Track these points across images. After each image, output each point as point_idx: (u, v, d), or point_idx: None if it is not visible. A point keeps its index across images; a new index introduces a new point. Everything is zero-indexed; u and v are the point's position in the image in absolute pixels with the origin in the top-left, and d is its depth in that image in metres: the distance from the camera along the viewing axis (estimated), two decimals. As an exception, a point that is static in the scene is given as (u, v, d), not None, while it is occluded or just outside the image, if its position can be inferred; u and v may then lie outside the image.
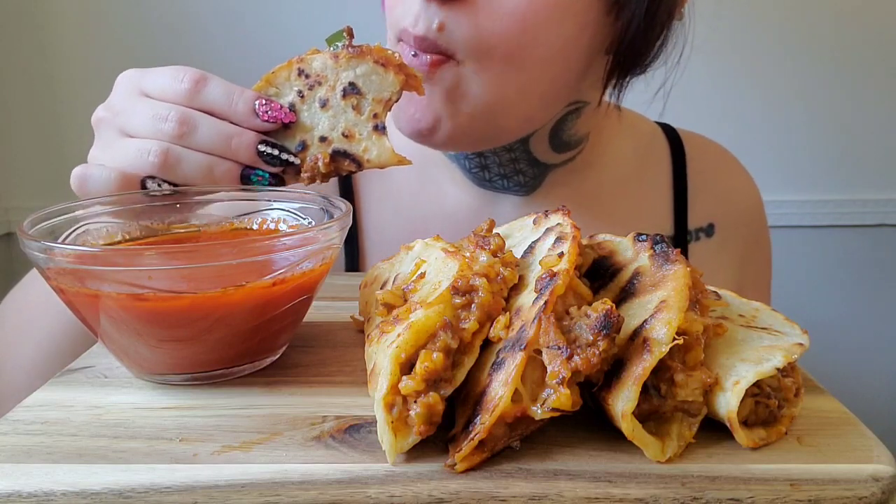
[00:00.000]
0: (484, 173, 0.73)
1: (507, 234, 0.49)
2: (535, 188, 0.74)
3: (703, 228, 0.82)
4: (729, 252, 0.83)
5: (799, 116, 1.65)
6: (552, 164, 0.73)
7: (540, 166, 0.73)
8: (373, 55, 0.52)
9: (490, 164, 0.72)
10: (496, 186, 0.74)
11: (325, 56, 0.53)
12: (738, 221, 0.84)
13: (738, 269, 0.84)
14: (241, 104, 0.51)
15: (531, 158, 0.71)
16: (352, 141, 0.53)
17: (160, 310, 0.40)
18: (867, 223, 1.69)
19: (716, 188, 0.83)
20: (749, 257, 0.85)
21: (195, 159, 0.51)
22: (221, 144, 0.51)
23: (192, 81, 0.51)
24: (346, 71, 0.52)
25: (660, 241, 0.42)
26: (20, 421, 0.39)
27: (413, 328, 0.36)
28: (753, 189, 0.87)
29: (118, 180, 0.51)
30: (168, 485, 0.33)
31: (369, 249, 0.77)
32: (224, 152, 0.51)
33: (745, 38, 1.58)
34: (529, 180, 0.73)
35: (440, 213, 0.76)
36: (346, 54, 0.52)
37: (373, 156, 0.53)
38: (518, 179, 0.73)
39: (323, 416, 0.39)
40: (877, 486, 0.34)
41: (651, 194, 0.81)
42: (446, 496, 0.33)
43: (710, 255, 0.82)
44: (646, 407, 0.36)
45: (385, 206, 0.77)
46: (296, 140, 0.53)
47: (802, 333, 0.42)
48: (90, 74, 1.59)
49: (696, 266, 0.79)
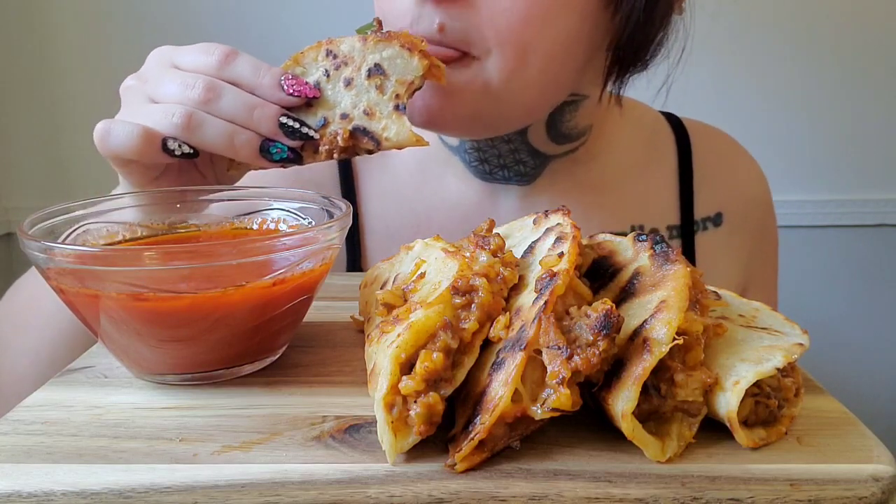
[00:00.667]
0: (484, 166, 0.73)
1: (507, 234, 0.49)
2: (536, 178, 0.75)
3: (711, 218, 0.81)
4: (738, 241, 0.83)
5: (799, 116, 1.65)
6: (552, 154, 0.73)
7: (540, 156, 0.73)
8: (399, 40, 0.54)
9: (489, 157, 0.72)
10: (497, 178, 0.74)
11: (354, 39, 0.55)
12: (747, 209, 0.84)
13: (746, 259, 0.84)
14: (268, 78, 0.53)
15: (531, 149, 0.72)
16: (372, 119, 0.54)
17: (160, 310, 0.40)
18: (867, 223, 1.69)
19: (723, 176, 0.83)
20: (758, 246, 0.85)
21: (217, 125, 0.52)
22: (244, 114, 0.52)
23: (221, 55, 0.53)
24: (372, 53, 0.54)
25: (660, 241, 0.42)
26: (20, 421, 0.39)
27: (413, 328, 0.36)
28: (761, 176, 0.87)
29: (140, 136, 0.51)
30: (168, 485, 0.33)
31: (371, 244, 0.77)
32: (246, 122, 0.52)
33: (745, 37, 1.58)
34: (530, 170, 0.74)
35: (442, 206, 0.76)
36: (375, 38, 0.54)
37: (391, 134, 0.54)
38: (518, 169, 0.73)
39: (323, 416, 0.39)
40: (877, 486, 0.34)
41: (656, 184, 0.81)
42: (446, 496, 0.33)
43: (719, 245, 0.81)
44: (646, 407, 0.36)
45: (387, 200, 0.78)
46: (317, 117, 0.54)
47: (802, 333, 0.42)
48: (90, 75, 1.59)
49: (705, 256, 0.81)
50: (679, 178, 0.81)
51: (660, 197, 0.80)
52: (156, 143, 0.52)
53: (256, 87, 0.53)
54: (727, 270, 0.82)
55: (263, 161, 0.54)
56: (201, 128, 0.52)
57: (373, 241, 0.77)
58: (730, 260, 0.82)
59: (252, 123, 0.53)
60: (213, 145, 0.52)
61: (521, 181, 0.74)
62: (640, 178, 0.80)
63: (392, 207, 0.77)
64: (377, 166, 0.78)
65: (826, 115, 1.64)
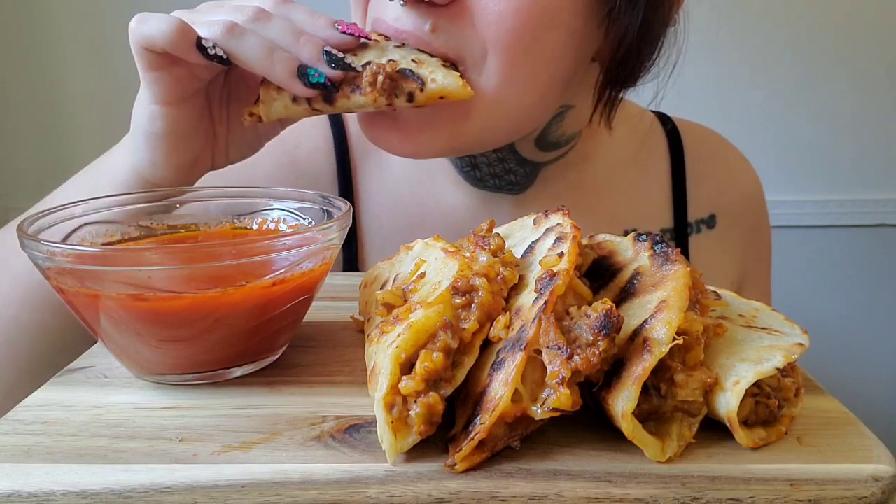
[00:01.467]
0: (475, 172, 0.73)
1: (507, 234, 0.49)
2: (528, 186, 0.74)
3: (705, 220, 0.81)
4: (731, 242, 0.83)
5: (799, 116, 1.65)
6: (542, 161, 0.73)
7: (529, 164, 0.72)
8: None
9: (480, 163, 0.72)
10: (488, 185, 0.74)
11: None
12: (740, 209, 0.83)
13: (740, 259, 0.84)
14: (322, 20, 0.54)
15: (519, 158, 0.71)
16: (420, 66, 0.54)
17: (160, 310, 0.40)
18: (867, 223, 1.70)
19: (716, 177, 0.83)
20: (751, 245, 0.85)
21: (258, 39, 0.51)
22: (289, 38, 0.52)
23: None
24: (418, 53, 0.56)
25: (660, 241, 0.42)
26: (20, 421, 0.39)
27: (413, 328, 0.36)
28: (753, 174, 0.87)
29: (177, 26, 0.50)
30: (168, 485, 0.33)
31: (367, 242, 0.77)
32: (290, 46, 0.52)
33: (744, 37, 1.58)
34: (521, 179, 0.73)
35: (437, 209, 0.76)
36: None
37: (438, 77, 0.54)
38: (509, 178, 0.72)
39: (323, 416, 0.39)
40: (877, 486, 0.34)
41: (649, 185, 0.81)
42: (446, 496, 0.33)
43: (713, 247, 0.81)
44: (646, 407, 0.36)
45: (383, 199, 0.77)
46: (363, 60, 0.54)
47: (802, 333, 0.42)
48: (90, 75, 1.59)
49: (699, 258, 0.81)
50: (672, 180, 0.81)
51: (653, 200, 0.80)
52: (190, 37, 0.51)
53: (308, 25, 0.53)
54: (722, 271, 0.82)
55: (297, 84, 0.53)
56: (242, 38, 0.51)
57: (369, 238, 0.77)
58: (724, 260, 0.82)
59: (295, 47, 0.52)
60: (250, 57, 0.52)
61: (512, 190, 0.74)
62: (633, 180, 0.80)
63: (387, 207, 0.77)
64: (375, 165, 0.78)
65: (826, 115, 1.64)
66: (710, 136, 0.87)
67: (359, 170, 0.78)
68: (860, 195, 1.68)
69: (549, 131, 0.70)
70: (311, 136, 0.78)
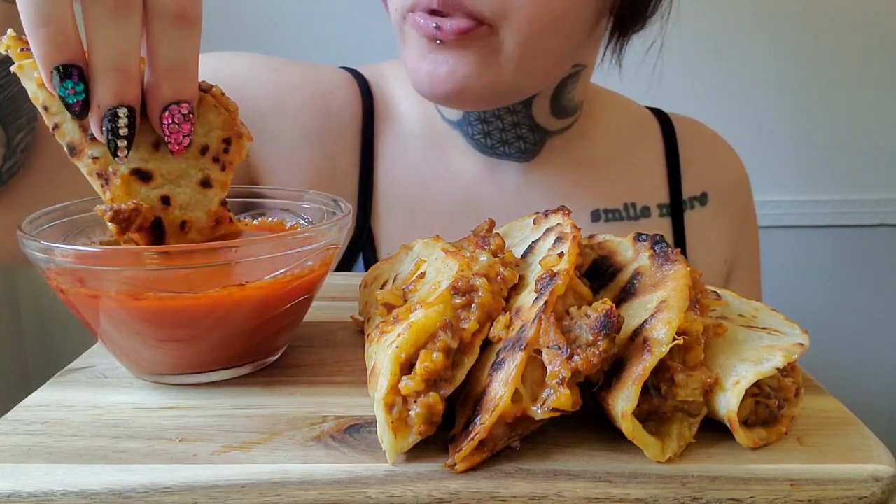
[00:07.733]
0: (486, 140, 0.77)
1: (507, 233, 0.49)
2: (535, 154, 0.78)
3: (697, 197, 0.85)
4: (723, 222, 0.87)
5: (797, 115, 1.65)
6: (551, 130, 0.77)
7: (540, 132, 0.77)
8: None
9: (493, 129, 0.75)
10: (497, 153, 0.78)
11: None
12: (730, 190, 0.88)
13: (732, 241, 0.88)
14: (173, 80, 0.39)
15: (532, 123, 0.75)
16: None
17: (160, 310, 0.40)
18: (865, 223, 1.69)
19: (706, 159, 0.87)
20: (742, 229, 0.89)
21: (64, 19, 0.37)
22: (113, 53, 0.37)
23: None
24: None
25: (660, 241, 0.42)
26: (20, 421, 0.39)
27: (413, 328, 0.36)
28: (740, 163, 0.91)
29: None
30: (168, 485, 0.33)
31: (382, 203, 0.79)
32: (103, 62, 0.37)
33: (740, 34, 1.58)
34: (530, 146, 0.77)
35: (447, 174, 0.79)
36: None
37: None
38: (519, 146, 0.77)
39: (323, 416, 0.39)
40: (877, 486, 0.34)
41: (646, 164, 0.85)
42: (446, 496, 0.33)
43: (707, 223, 0.85)
44: (646, 407, 0.36)
45: (398, 163, 0.80)
46: None
47: (802, 333, 0.42)
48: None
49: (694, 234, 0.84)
50: (666, 160, 0.85)
51: (649, 177, 0.84)
52: None
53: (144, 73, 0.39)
54: (716, 248, 0.86)
55: (45, 76, 0.38)
56: None
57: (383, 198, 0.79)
58: (718, 237, 0.86)
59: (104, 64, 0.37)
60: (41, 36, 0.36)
61: (520, 157, 0.78)
62: (630, 158, 0.84)
63: (401, 169, 0.80)
64: (391, 130, 0.81)
65: (826, 114, 1.64)
66: (700, 126, 0.92)
67: (379, 131, 0.81)
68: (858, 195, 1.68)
69: (564, 92, 0.75)
70: (346, 90, 0.80)
